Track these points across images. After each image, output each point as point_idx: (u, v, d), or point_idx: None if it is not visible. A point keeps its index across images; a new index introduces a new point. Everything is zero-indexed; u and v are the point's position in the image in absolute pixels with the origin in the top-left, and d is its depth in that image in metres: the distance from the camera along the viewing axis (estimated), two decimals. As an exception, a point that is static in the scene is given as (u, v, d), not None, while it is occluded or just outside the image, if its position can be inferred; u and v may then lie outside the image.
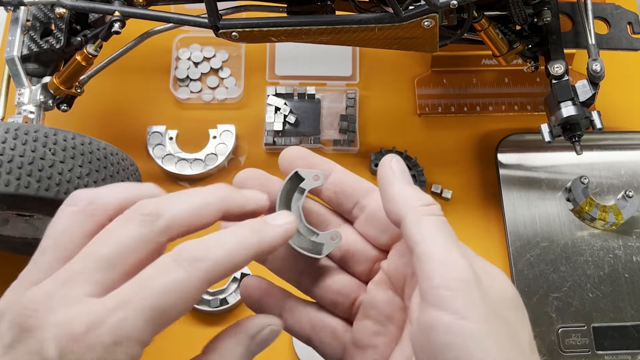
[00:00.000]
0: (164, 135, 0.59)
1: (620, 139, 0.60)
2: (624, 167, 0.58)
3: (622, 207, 0.55)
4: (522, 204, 0.56)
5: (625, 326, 0.52)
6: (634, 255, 0.54)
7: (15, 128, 0.41)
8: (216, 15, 0.46)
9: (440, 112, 0.61)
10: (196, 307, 0.52)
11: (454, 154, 0.60)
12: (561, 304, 0.53)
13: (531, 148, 0.58)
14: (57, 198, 0.41)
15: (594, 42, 0.50)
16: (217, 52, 0.64)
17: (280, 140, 0.59)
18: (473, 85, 0.62)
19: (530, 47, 0.52)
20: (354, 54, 0.63)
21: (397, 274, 0.31)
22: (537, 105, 0.61)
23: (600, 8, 0.54)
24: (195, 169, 0.58)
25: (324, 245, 0.31)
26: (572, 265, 0.54)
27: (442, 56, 0.62)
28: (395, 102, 0.62)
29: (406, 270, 0.30)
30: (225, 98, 0.61)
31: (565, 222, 0.56)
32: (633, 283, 0.53)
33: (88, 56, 0.49)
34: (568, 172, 0.57)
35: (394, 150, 0.59)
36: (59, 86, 0.50)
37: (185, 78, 0.62)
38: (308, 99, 0.61)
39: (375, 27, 0.45)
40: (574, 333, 0.52)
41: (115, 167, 0.46)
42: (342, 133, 0.60)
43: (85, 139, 0.44)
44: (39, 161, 0.41)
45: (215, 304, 0.52)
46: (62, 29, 0.49)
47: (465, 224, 0.57)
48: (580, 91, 0.49)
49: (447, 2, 0.43)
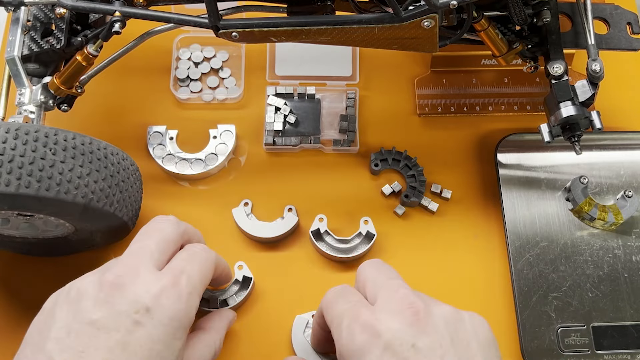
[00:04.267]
0: (164, 135, 0.59)
1: (619, 139, 0.60)
2: (624, 167, 0.58)
3: (622, 207, 0.55)
4: (522, 204, 0.56)
5: (624, 326, 0.52)
6: (634, 255, 0.54)
7: (15, 128, 0.41)
8: (216, 16, 0.46)
9: (440, 112, 0.61)
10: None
11: (454, 153, 0.60)
12: (561, 303, 0.53)
13: (531, 148, 0.58)
14: (58, 198, 0.41)
15: (593, 43, 0.50)
16: (217, 52, 0.64)
17: (281, 140, 0.59)
18: (473, 85, 0.62)
19: (530, 47, 0.52)
20: (354, 54, 0.63)
21: None
22: (536, 105, 0.61)
23: (600, 8, 0.54)
24: (196, 169, 0.58)
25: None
26: (572, 265, 0.54)
27: (442, 56, 0.62)
28: (395, 102, 0.63)
29: None
30: (226, 98, 0.62)
31: (564, 221, 0.56)
32: (632, 283, 0.53)
33: (88, 56, 0.49)
34: (567, 172, 0.57)
35: (394, 151, 0.59)
36: (59, 86, 0.50)
37: (185, 78, 0.63)
38: (308, 99, 0.61)
39: (375, 27, 0.45)
40: (573, 333, 0.52)
41: (115, 167, 0.46)
42: (342, 133, 0.60)
43: (85, 138, 0.44)
44: (39, 161, 0.41)
45: (215, 304, 0.52)
46: (62, 29, 0.49)
47: (464, 224, 0.57)
48: (580, 91, 0.49)
49: (447, 2, 0.43)
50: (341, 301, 0.41)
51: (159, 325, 0.37)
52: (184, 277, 0.39)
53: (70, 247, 0.52)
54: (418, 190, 0.57)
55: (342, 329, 0.38)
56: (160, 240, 0.41)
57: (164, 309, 0.37)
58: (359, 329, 0.37)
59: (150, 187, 0.57)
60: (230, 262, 0.53)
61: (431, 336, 0.37)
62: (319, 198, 0.58)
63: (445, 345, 0.36)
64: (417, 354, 0.36)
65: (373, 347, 0.36)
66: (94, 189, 0.43)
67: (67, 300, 0.38)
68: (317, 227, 0.55)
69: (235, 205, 0.57)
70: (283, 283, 0.55)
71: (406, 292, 0.39)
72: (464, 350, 0.37)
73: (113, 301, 0.37)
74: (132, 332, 0.36)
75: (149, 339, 0.37)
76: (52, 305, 0.39)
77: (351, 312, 0.39)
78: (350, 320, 0.38)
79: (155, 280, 0.39)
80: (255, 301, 0.54)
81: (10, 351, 0.41)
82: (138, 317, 0.37)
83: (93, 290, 0.38)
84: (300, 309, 0.53)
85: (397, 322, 0.37)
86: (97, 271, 0.40)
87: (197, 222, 0.56)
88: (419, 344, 0.36)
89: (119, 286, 0.37)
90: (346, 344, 0.38)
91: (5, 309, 0.53)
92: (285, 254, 0.55)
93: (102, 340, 0.36)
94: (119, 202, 0.46)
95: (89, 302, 0.37)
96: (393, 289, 0.39)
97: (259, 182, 0.58)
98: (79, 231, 0.48)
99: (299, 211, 0.56)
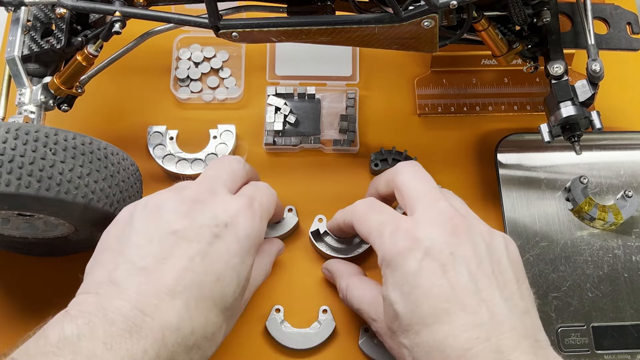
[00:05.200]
0: (165, 135, 0.59)
1: (619, 139, 0.60)
2: (624, 167, 0.58)
3: (622, 207, 0.55)
4: (522, 204, 0.56)
5: (624, 326, 0.52)
6: (633, 255, 0.54)
7: (16, 128, 0.41)
8: (216, 16, 0.46)
9: (440, 112, 0.61)
10: None
11: (454, 153, 0.60)
12: (560, 303, 0.53)
13: (531, 148, 0.58)
14: (58, 198, 0.41)
15: (593, 43, 0.50)
16: (217, 52, 0.64)
17: (281, 140, 0.59)
18: (473, 85, 0.62)
19: (530, 47, 0.52)
20: (354, 54, 0.63)
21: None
22: (536, 105, 0.61)
23: (600, 8, 0.54)
24: (196, 169, 0.58)
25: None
26: (572, 265, 0.54)
27: (442, 56, 0.62)
28: (395, 102, 0.63)
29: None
30: (226, 98, 0.62)
31: (564, 221, 0.56)
32: (632, 283, 0.53)
33: (89, 56, 0.49)
34: (567, 172, 0.58)
35: (394, 151, 0.59)
36: (59, 86, 0.50)
37: (185, 78, 0.63)
38: (308, 99, 0.61)
39: (375, 28, 0.45)
40: (573, 332, 0.52)
41: (115, 167, 0.46)
42: (342, 133, 0.60)
43: (85, 138, 0.44)
44: (39, 161, 0.41)
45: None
46: (62, 29, 0.50)
47: (465, 224, 0.57)
48: (580, 91, 0.49)
49: (447, 3, 0.43)
50: (375, 213, 0.45)
51: (235, 240, 0.40)
52: (255, 202, 0.43)
53: (70, 247, 0.52)
54: (418, 190, 0.57)
55: (385, 237, 0.42)
56: (230, 172, 0.45)
57: (240, 225, 0.41)
58: (401, 235, 0.41)
59: (150, 187, 0.57)
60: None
61: (468, 246, 0.40)
62: (319, 198, 0.58)
63: (480, 255, 0.40)
64: (455, 260, 0.39)
65: (415, 251, 0.40)
66: (94, 189, 0.43)
67: (146, 212, 0.40)
68: (316, 228, 0.55)
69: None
70: (280, 282, 0.55)
71: (445, 204, 0.42)
72: (496, 262, 0.41)
73: (194, 215, 0.40)
74: (211, 243, 0.39)
75: (227, 252, 0.40)
76: (129, 216, 0.41)
77: (392, 222, 0.43)
78: (392, 228, 0.42)
79: (233, 201, 0.42)
80: (255, 302, 0.54)
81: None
82: (218, 230, 0.40)
83: (174, 204, 0.40)
84: (301, 311, 0.53)
85: (437, 232, 0.41)
86: (172, 189, 0.43)
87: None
88: (457, 252, 0.40)
89: (200, 202, 0.41)
90: (390, 249, 0.41)
91: (5, 309, 0.53)
92: (285, 254, 0.55)
93: (184, 248, 0.39)
94: (119, 202, 0.46)
95: (171, 215, 0.40)
96: (432, 200, 0.43)
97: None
98: (79, 231, 0.48)
99: (299, 211, 0.56)
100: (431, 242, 0.40)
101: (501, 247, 0.42)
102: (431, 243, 0.40)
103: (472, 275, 0.39)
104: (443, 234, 0.40)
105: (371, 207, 0.46)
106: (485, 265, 0.40)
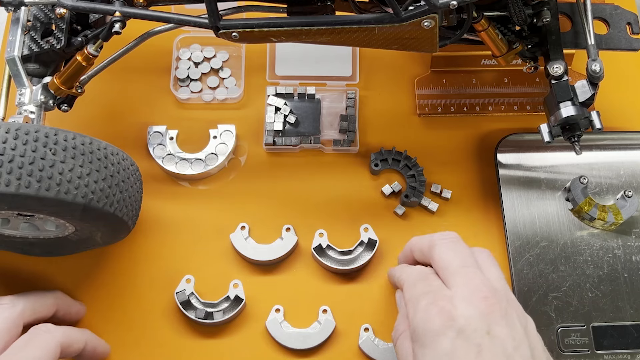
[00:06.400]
0: (165, 135, 0.59)
1: (619, 139, 0.60)
2: (623, 167, 0.58)
3: (622, 207, 0.55)
4: (522, 204, 0.56)
5: (624, 325, 0.52)
6: (633, 254, 0.55)
7: (15, 128, 0.41)
8: (216, 16, 0.46)
9: (439, 112, 0.61)
10: (184, 311, 0.52)
11: (454, 154, 0.60)
12: (560, 303, 0.53)
13: (530, 148, 0.59)
14: (58, 198, 0.41)
15: (593, 43, 0.50)
16: (217, 52, 0.64)
17: (281, 140, 0.59)
18: (473, 85, 0.62)
19: (530, 47, 0.52)
20: (354, 54, 0.63)
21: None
22: (536, 105, 0.61)
23: (600, 8, 0.54)
24: (196, 169, 0.58)
25: None
26: (572, 265, 0.54)
27: (441, 56, 0.62)
28: (395, 102, 0.63)
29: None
30: (226, 98, 0.62)
31: (564, 221, 0.56)
32: (632, 283, 0.53)
33: (89, 56, 0.49)
34: (567, 172, 0.58)
35: (394, 151, 0.59)
36: (59, 86, 0.50)
37: (185, 78, 0.63)
38: (308, 99, 0.61)
39: (375, 28, 0.45)
40: (573, 332, 0.52)
41: (115, 167, 0.46)
42: (342, 133, 0.60)
43: (85, 139, 0.44)
44: (39, 161, 0.41)
45: (201, 314, 0.51)
46: (62, 29, 0.50)
47: (464, 224, 0.57)
48: (580, 91, 0.49)
49: (446, 3, 0.43)
50: (422, 285, 0.43)
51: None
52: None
53: (70, 247, 0.52)
54: (418, 190, 0.57)
55: (419, 309, 0.41)
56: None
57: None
58: (436, 311, 0.40)
59: (150, 187, 0.57)
60: (228, 277, 0.53)
61: (506, 327, 0.39)
62: (319, 198, 0.58)
63: (518, 338, 0.39)
64: (492, 340, 0.38)
65: (448, 330, 0.38)
66: (94, 189, 0.43)
67: None
68: (318, 243, 0.54)
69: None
70: (280, 282, 0.55)
71: (480, 282, 0.41)
72: (534, 345, 0.40)
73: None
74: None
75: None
76: None
77: (430, 296, 0.41)
78: (428, 302, 0.41)
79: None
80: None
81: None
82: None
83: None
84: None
85: (472, 310, 0.39)
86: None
87: (197, 223, 0.57)
88: (494, 332, 0.38)
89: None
90: (422, 324, 0.40)
91: (6, 309, 0.53)
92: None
93: None
94: (119, 202, 0.46)
95: None
96: (468, 277, 0.42)
97: (259, 182, 0.58)
98: (79, 231, 0.48)
99: (299, 211, 0.56)
100: (465, 321, 0.38)
101: (535, 331, 0.41)
102: (465, 322, 0.38)
103: (509, 358, 0.38)
104: (477, 312, 0.39)
105: (422, 277, 0.44)
106: (523, 349, 0.38)
